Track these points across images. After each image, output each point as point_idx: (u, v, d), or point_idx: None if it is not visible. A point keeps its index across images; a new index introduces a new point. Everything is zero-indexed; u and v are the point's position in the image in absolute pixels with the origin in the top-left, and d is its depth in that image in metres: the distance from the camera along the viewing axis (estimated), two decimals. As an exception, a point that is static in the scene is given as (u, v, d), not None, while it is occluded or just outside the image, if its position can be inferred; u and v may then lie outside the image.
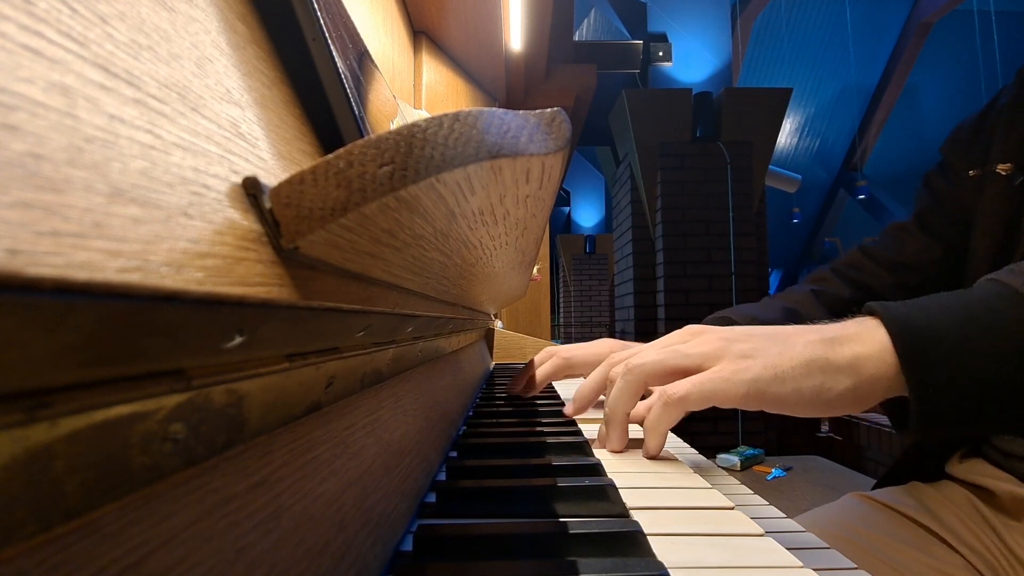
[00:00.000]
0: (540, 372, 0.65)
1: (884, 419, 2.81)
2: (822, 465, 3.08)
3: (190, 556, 0.12)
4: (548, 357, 0.67)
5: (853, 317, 0.39)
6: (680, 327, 0.44)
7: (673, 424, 0.40)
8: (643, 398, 0.44)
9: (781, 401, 0.37)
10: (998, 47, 6.97)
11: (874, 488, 0.64)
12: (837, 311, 0.65)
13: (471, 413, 0.59)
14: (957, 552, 0.52)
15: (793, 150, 8.56)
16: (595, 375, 0.52)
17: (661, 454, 0.43)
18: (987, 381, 0.33)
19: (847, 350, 0.36)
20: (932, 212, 0.66)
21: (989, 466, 0.55)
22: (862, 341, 0.36)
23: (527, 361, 0.72)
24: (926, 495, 0.58)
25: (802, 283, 0.73)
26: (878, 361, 0.36)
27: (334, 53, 0.27)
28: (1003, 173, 0.56)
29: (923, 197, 0.68)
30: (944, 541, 0.53)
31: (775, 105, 3.41)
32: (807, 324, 0.40)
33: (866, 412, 0.42)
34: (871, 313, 0.38)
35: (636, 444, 0.45)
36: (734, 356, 0.38)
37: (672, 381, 0.40)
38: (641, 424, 0.43)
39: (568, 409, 0.54)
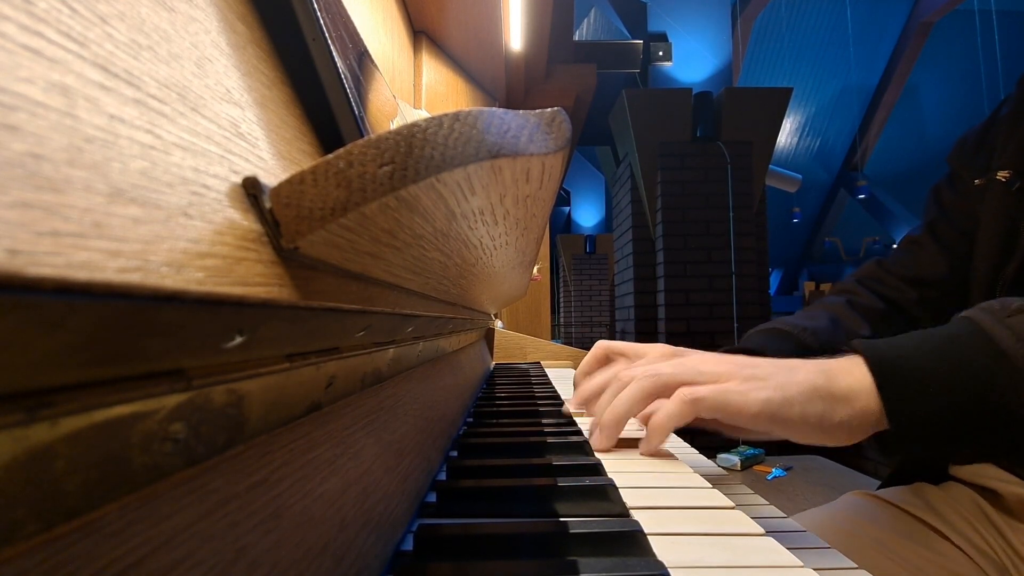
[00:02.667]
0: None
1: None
2: (822, 465, 3.08)
3: (190, 556, 0.12)
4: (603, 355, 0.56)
5: (844, 354, 0.41)
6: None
7: (681, 424, 0.41)
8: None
9: (787, 423, 0.39)
10: (998, 47, 6.97)
11: (879, 489, 0.63)
12: (872, 320, 0.66)
13: (471, 413, 0.59)
14: (962, 550, 0.52)
15: (793, 150, 8.56)
16: (603, 376, 0.51)
17: (661, 453, 0.43)
18: (957, 414, 0.36)
19: (843, 382, 0.39)
20: (942, 223, 0.66)
21: (995, 468, 0.54)
22: (853, 376, 0.39)
23: (527, 362, 0.71)
24: (931, 495, 0.57)
25: (829, 295, 0.73)
26: (867, 395, 0.38)
27: (334, 53, 0.27)
28: (1003, 180, 0.57)
29: (931, 209, 0.68)
30: (948, 539, 0.53)
31: (775, 105, 3.41)
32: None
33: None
34: (855, 351, 0.40)
35: (629, 444, 0.45)
36: (745, 378, 0.40)
37: None
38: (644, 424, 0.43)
39: (569, 405, 0.54)
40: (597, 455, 0.42)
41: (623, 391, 0.42)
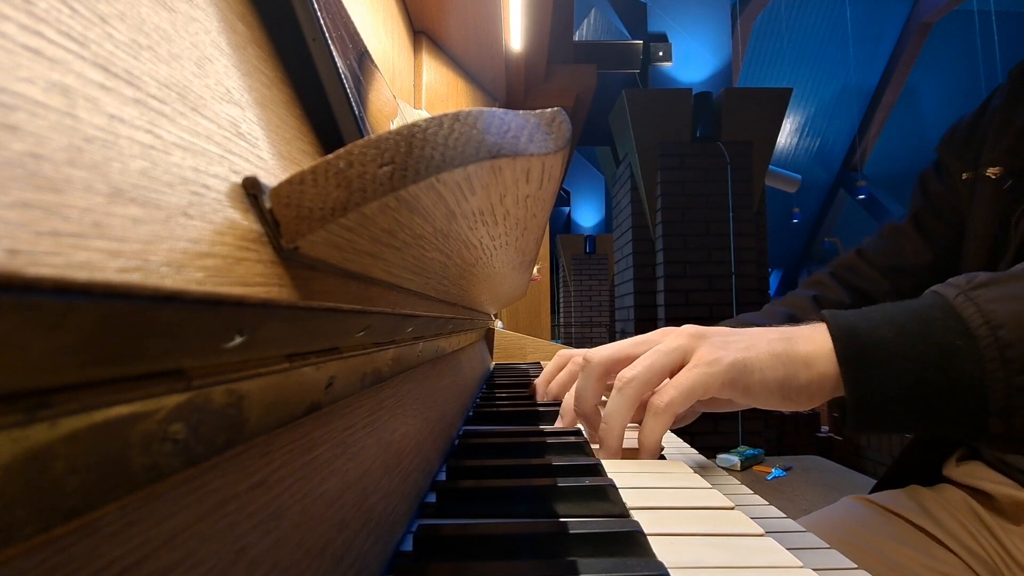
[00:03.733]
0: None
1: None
2: (822, 465, 3.08)
3: (190, 556, 0.12)
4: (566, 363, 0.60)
5: (809, 323, 0.42)
6: (680, 327, 0.45)
7: (665, 431, 0.41)
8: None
9: (750, 389, 0.39)
10: (998, 47, 6.97)
11: (873, 491, 0.63)
12: None
13: (471, 413, 0.59)
14: (955, 554, 0.52)
15: (793, 150, 8.56)
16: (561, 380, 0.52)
17: (661, 453, 0.43)
18: (914, 384, 0.36)
19: (802, 347, 0.40)
20: (927, 213, 0.66)
21: (988, 469, 0.54)
22: (814, 342, 0.40)
23: (527, 362, 0.70)
24: (924, 498, 0.57)
25: (802, 287, 0.73)
26: (826, 360, 0.39)
27: (334, 53, 0.27)
28: (992, 177, 0.56)
29: (918, 197, 0.68)
30: (942, 543, 0.53)
31: (775, 105, 3.41)
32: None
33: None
34: (822, 319, 0.41)
35: (633, 445, 0.45)
36: (708, 346, 0.41)
37: (662, 381, 0.41)
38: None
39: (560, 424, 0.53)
40: (597, 455, 0.42)
41: (607, 405, 0.43)
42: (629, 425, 0.43)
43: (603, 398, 0.47)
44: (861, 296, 0.68)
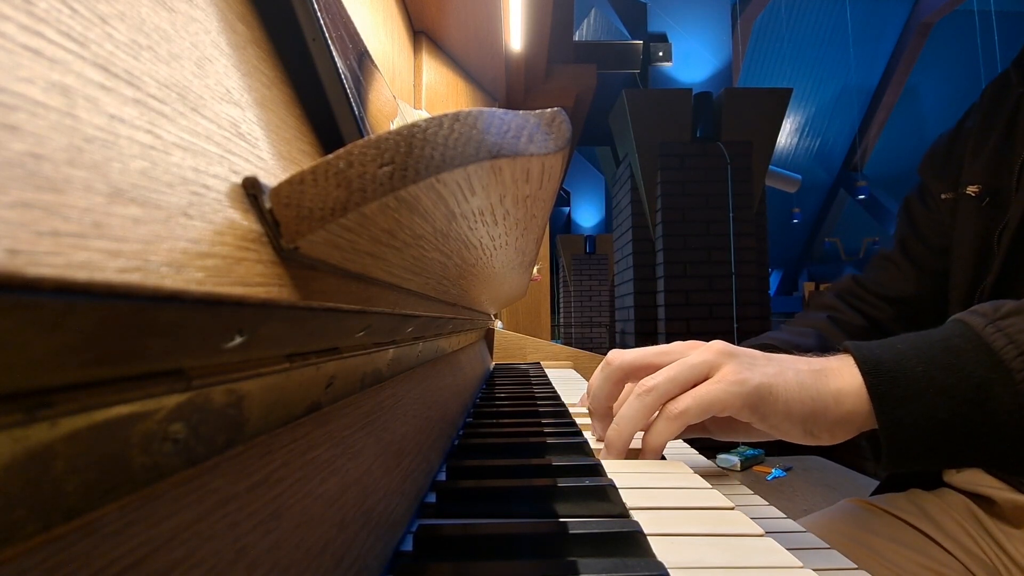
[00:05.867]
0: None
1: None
2: (822, 465, 3.08)
3: (190, 556, 0.12)
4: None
5: (836, 354, 0.41)
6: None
7: (673, 438, 0.41)
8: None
9: (771, 416, 0.38)
10: (998, 47, 6.98)
11: (873, 494, 0.63)
12: (854, 336, 0.65)
13: (471, 413, 0.59)
14: (954, 557, 0.52)
15: (793, 150, 8.56)
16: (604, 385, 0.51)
17: (661, 454, 0.43)
18: (949, 419, 0.35)
19: (832, 383, 0.39)
20: (912, 240, 0.66)
21: (987, 476, 0.54)
22: (842, 377, 0.39)
23: (527, 363, 0.70)
24: (925, 501, 0.57)
25: (811, 309, 0.72)
26: (856, 397, 0.38)
27: (334, 53, 0.27)
28: (972, 195, 0.57)
29: (903, 224, 0.68)
30: (941, 546, 0.53)
31: (775, 105, 3.41)
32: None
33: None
34: (847, 351, 0.40)
35: (635, 446, 0.45)
36: (736, 365, 0.40)
37: (682, 394, 0.41)
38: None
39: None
40: (597, 456, 0.42)
41: (622, 409, 0.42)
42: None
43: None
44: (870, 321, 0.68)
